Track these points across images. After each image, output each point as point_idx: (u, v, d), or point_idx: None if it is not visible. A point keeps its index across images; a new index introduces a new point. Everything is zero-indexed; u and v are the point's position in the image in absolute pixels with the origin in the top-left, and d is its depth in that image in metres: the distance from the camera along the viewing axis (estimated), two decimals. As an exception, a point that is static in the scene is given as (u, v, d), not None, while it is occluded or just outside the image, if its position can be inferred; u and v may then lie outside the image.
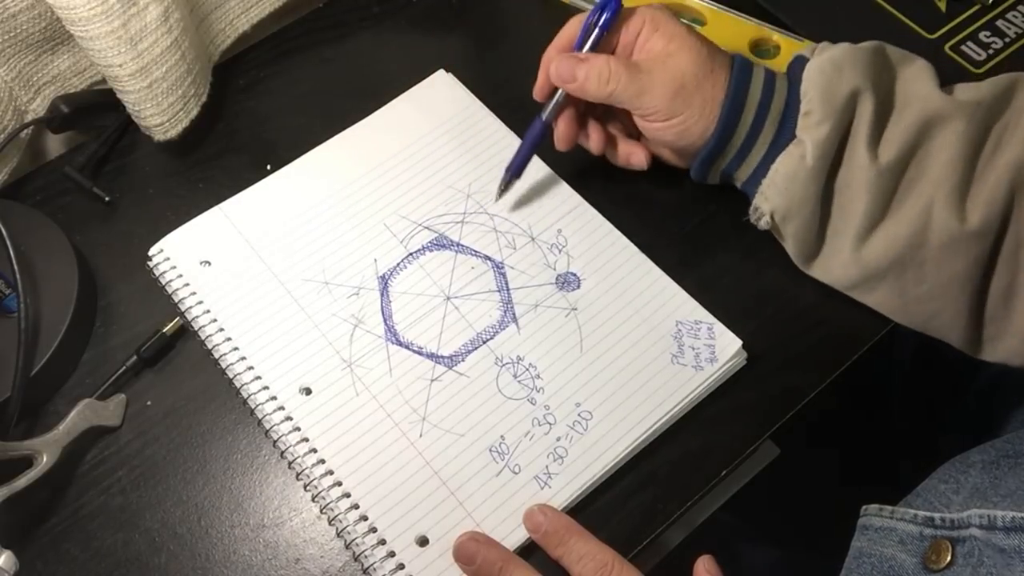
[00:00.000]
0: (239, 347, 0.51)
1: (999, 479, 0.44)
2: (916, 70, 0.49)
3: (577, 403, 0.49)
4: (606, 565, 0.43)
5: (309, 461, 0.48)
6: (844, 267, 0.49)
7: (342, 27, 0.67)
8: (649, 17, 0.51)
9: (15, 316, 0.51)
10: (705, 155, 0.51)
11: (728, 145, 0.50)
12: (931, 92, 0.48)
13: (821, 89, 0.48)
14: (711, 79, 0.49)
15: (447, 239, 0.55)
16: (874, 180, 0.47)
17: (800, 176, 0.48)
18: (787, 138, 0.49)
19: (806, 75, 0.49)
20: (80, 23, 0.51)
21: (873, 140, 0.47)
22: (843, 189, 0.48)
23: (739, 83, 0.49)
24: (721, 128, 0.49)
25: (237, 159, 0.61)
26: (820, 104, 0.48)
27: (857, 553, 0.46)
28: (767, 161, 0.50)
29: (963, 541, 0.42)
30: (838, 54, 0.49)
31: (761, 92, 0.49)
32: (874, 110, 0.47)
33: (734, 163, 0.51)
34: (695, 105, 0.49)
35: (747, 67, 0.50)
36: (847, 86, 0.47)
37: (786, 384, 0.51)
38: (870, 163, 0.47)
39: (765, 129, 0.49)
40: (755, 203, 0.51)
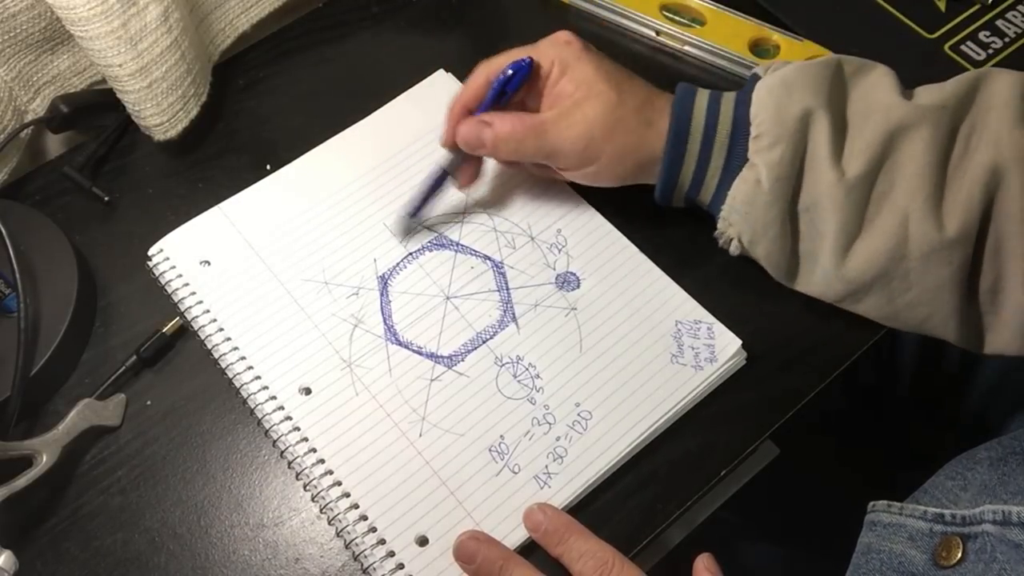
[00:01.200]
0: (239, 347, 0.51)
1: (1008, 476, 0.43)
2: (875, 79, 0.49)
3: (577, 403, 0.49)
4: (606, 563, 0.43)
5: (309, 461, 0.48)
6: (827, 283, 0.49)
7: (342, 27, 0.67)
8: (558, 60, 0.50)
9: (15, 316, 0.51)
10: (662, 183, 0.50)
11: (680, 172, 0.50)
12: (893, 100, 0.47)
13: (771, 111, 0.47)
14: (622, 126, 0.49)
15: (447, 239, 0.55)
16: (845, 196, 0.46)
17: (759, 200, 0.48)
18: (739, 161, 0.48)
19: (755, 96, 0.48)
20: (80, 23, 0.51)
21: (836, 156, 0.47)
22: (811, 208, 0.47)
23: (681, 110, 0.49)
24: (670, 154, 0.49)
25: (237, 159, 0.61)
26: (771, 126, 0.47)
27: (865, 549, 0.46)
28: (724, 185, 0.49)
29: (974, 537, 0.42)
30: (789, 73, 0.48)
31: (706, 116, 0.49)
32: (830, 127, 0.46)
33: (692, 189, 0.51)
34: (606, 154, 0.49)
35: (689, 94, 0.49)
36: (797, 106, 0.47)
37: (786, 384, 0.51)
38: (837, 179, 0.46)
39: (714, 153, 0.49)
40: (719, 229, 0.51)
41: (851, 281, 0.48)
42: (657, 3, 0.64)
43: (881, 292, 0.48)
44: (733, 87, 0.62)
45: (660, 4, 0.64)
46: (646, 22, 0.64)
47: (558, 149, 0.50)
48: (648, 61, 0.64)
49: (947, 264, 0.45)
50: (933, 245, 0.45)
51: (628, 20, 0.65)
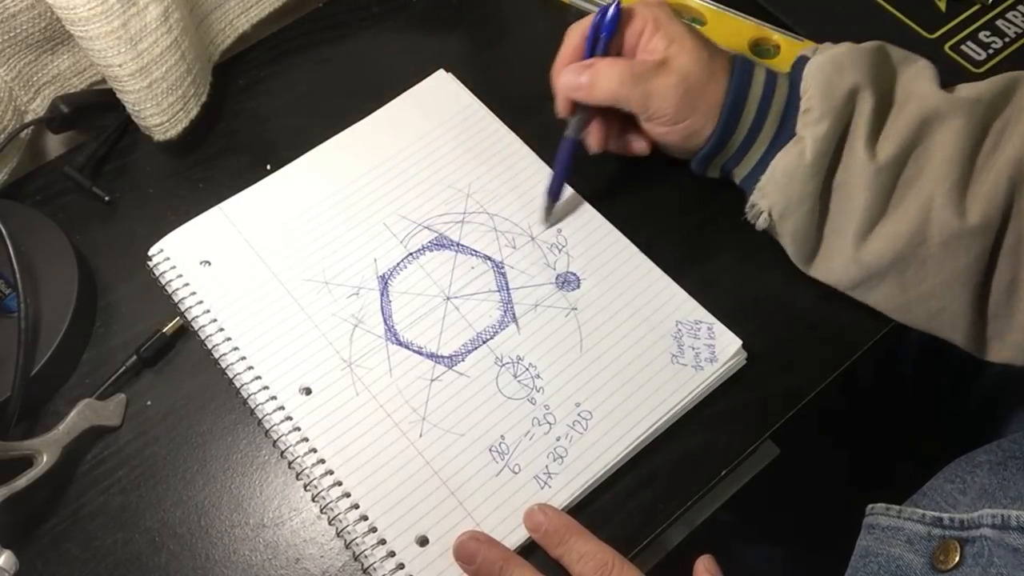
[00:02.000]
0: (239, 347, 0.51)
1: (1007, 480, 0.43)
2: (917, 70, 0.50)
3: (577, 403, 0.49)
4: (606, 564, 0.43)
5: (309, 461, 0.48)
6: (844, 266, 0.49)
7: (342, 27, 0.67)
8: (651, 17, 0.51)
9: (15, 316, 0.51)
10: (707, 152, 0.51)
11: (729, 142, 0.51)
12: (930, 90, 0.48)
13: (821, 86, 0.48)
14: (713, 80, 0.49)
15: (447, 239, 0.55)
16: (873, 177, 0.47)
17: (799, 173, 0.48)
18: (787, 136, 0.49)
19: (806, 73, 0.49)
20: (80, 23, 0.51)
21: (872, 137, 0.47)
22: (841, 186, 0.48)
23: (740, 81, 0.49)
24: (723, 125, 0.50)
25: (237, 159, 0.61)
26: (819, 101, 0.48)
27: (863, 552, 0.46)
28: (766, 158, 0.50)
29: (973, 541, 0.42)
30: (839, 53, 0.49)
31: (762, 90, 0.50)
32: (873, 107, 0.47)
33: (734, 160, 0.51)
34: (700, 109, 0.50)
35: (748, 66, 0.50)
36: (847, 83, 0.48)
37: (786, 384, 0.51)
38: (868, 160, 0.47)
39: (766, 127, 0.50)
40: (752, 199, 0.51)
41: (868, 265, 0.48)
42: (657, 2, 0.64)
43: (896, 280, 0.48)
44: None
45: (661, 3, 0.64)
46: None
47: (655, 92, 0.50)
48: (648, 61, 0.64)
49: (965, 253, 0.46)
50: (953, 232, 0.45)
51: (628, 20, 0.64)
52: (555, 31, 0.54)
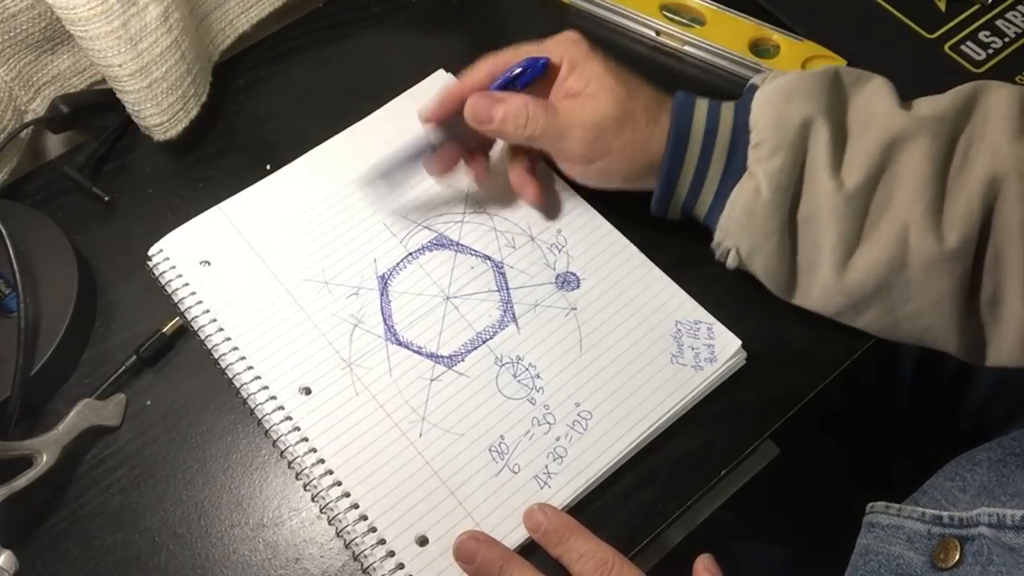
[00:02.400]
0: (239, 347, 0.51)
1: (1007, 477, 0.43)
2: (874, 89, 0.48)
3: (577, 403, 0.49)
4: (606, 563, 0.43)
5: (309, 461, 0.48)
6: (827, 296, 0.49)
7: (342, 27, 0.67)
8: (567, 57, 0.50)
9: (15, 316, 0.51)
10: (659, 191, 0.50)
11: (678, 181, 0.49)
12: (892, 110, 0.47)
13: (771, 118, 0.47)
14: (631, 121, 0.48)
15: (447, 239, 0.55)
16: (843, 206, 0.46)
17: (758, 211, 0.47)
18: (738, 169, 0.48)
19: (755, 104, 0.48)
20: (80, 23, 0.51)
21: (835, 165, 0.46)
22: (810, 219, 0.47)
23: (680, 116, 0.48)
24: (668, 161, 0.48)
25: (237, 159, 0.61)
26: (771, 134, 0.46)
27: (864, 550, 0.46)
28: (721, 196, 0.49)
29: (972, 540, 0.42)
30: (788, 82, 0.48)
31: (705, 123, 0.48)
32: (830, 136, 0.46)
33: (689, 199, 0.50)
34: (615, 150, 0.49)
35: (688, 100, 0.49)
36: (798, 115, 0.46)
37: (786, 384, 0.51)
38: (836, 189, 0.46)
39: (714, 160, 0.48)
40: (716, 239, 0.50)
41: (851, 292, 0.47)
42: (657, 3, 0.64)
43: (881, 304, 0.47)
44: (733, 87, 0.62)
45: (660, 4, 0.64)
46: (646, 22, 0.64)
47: (567, 133, 0.49)
48: (648, 61, 0.64)
49: (948, 275, 0.45)
50: (934, 257, 0.45)
51: (628, 20, 0.65)
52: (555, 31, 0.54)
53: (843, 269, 0.47)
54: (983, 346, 0.48)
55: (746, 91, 0.51)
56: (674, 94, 0.50)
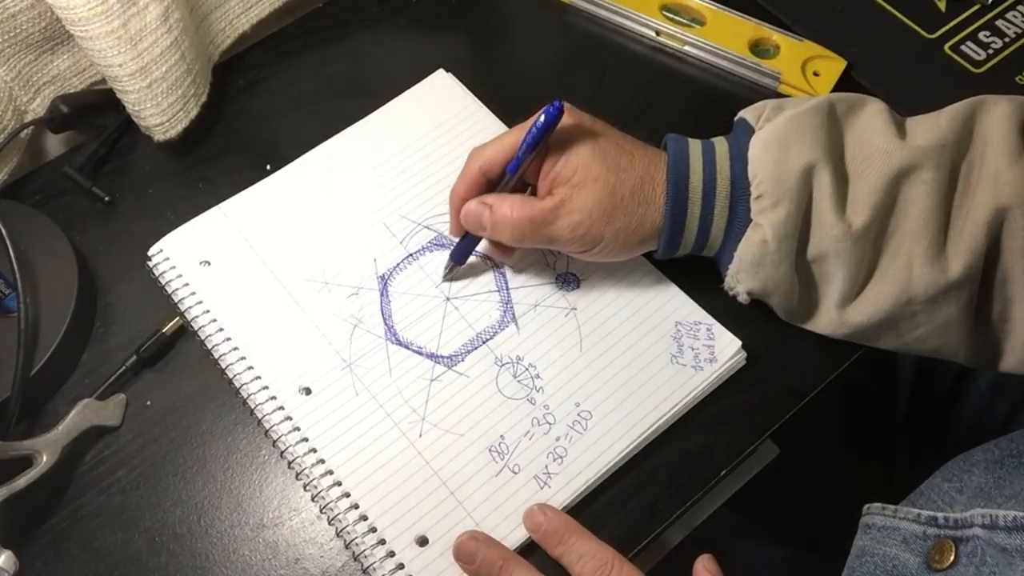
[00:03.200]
0: (239, 347, 0.51)
1: (1003, 479, 0.44)
2: (868, 117, 0.48)
3: (577, 403, 0.49)
4: (606, 564, 0.43)
5: (309, 461, 0.48)
6: (835, 328, 0.49)
7: (342, 27, 0.67)
8: (559, 138, 0.48)
9: (15, 316, 0.51)
10: (663, 249, 0.49)
11: (682, 237, 0.49)
12: (890, 143, 0.46)
13: (770, 169, 0.46)
14: (621, 209, 0.47)
15: (447, 239, 0.55)
16: (852, 246, 0.46)
17: (768, 259, 0.47)
18: (743, 219, 0.47)
19: (752, 155, 0.47)
20: (80, 23, 0.51)
21: (840, 206, 0.46)
22: (820, 259, 0.47)
23: (677, 176, 0.47)
24: (669, 225, 0.48)
25: (237, 159, 0.61)
26: (772, 186, 0.46)
27: (860, 552, 0.46)
28: (729, 243, 0.48)
29: (966, 541, 0.42)
30: (783, 126, 0.47)
31: (703, 178, 0.47)
32: (832, 179, 0.46)
33: (696, 248, 0.50)
34: (607, 237, 0.48)
35: (682, 160, 0.48)
36: (797, 162, 0.46)
37: (786, 384, 0.51)
38: (844, 231, 0.45)
39: (716, 215, 0.48)
40: (728, 284, 0.50)
41: (857, 326, 0.48)
42: (657, 3, 0.64)
43: (889, 332, 0.48)
44: (733, 87, 0.62)
45: (660, 4, 0.64)
46: (646, 22, 0.64)
47: (557, 237, 0.48)
48: (648, 61, 0.64)
49: (953, 303, 0.45)
50: (939, 288, 0.45)
51: (628, 20, 0.65)
52: (555, 31, 0.54)
53: (848, 305, 0.48)
54: (994, 356, 0.48)
55: (736, 126, 0.50)
56: (665, 147, 0.49)
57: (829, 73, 0.61)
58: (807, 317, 0.50)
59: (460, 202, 0.51)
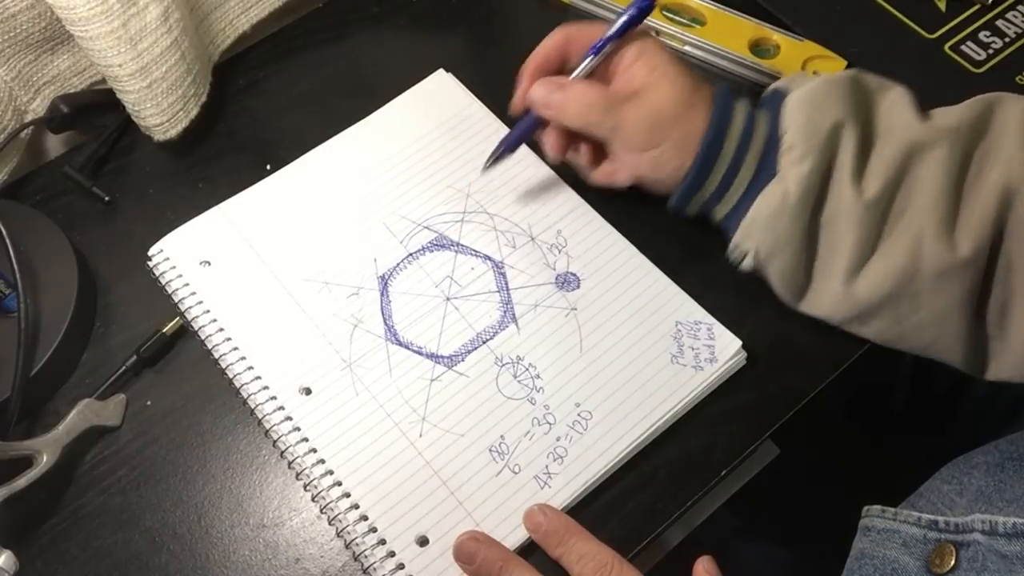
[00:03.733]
0: (239, 347, 0.51)
1: (1004, 483, 0.43)
2: (894, 98, 0.49)
3: (577, 403, 0.49)
4: (606, 565, 0.43)
5: (309, 461, 0.48)
6: (836, 303, 0.49)
7: (342, 27, 0.67)
8: (636, 44, 0.50)
9: (15, 316, 0.51)
10: (686, 187, 0.50)
11: (708, 177, 0.49)
12: (910, 120, 0.47)
13: (802, 123, 0.47)
14: (690, 114, 0.49)
15: (447, 239, 0.55)
16: (862, 214, 0.46)
17: (784, 213, 0.47)
18: (768, 174, 0.48)
19: (786, 109, 0.48)
20: (80, 23, 0.51)
21: (857, 173, 0.46)
22: (830, 223, 0.47)
23: (722, 113, 0.48)
24: (701, 160, 0.48)
25: (237, 159, 0.61)
26: (802, 139, 0.47)
27: (859, 554, 0.46)
28: (748, 198, 0.48)
29: (967, 545, 0.42)
30: (817, 87, 0.48)
31: (743, 124, 0.48)
32: (857, 142, 0.46)
33: (714, 198, 0.50)
34: (671, 139, 0.49)
35: (729, 98, 0.49)
36: (829, 119, 0.47)
37: (786, 384, 0.51)
38: (856, 197, 0.46)
39: (747, 162, 0.48)
40: (736, 240, 0.50)
41: (860, 301, 0.47)
42: (657, 3, 0.64)
43: (889, 313, 0.47)
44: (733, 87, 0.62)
45: (660, 4, 0.64)
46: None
47: (624, 123, 0.49)
48: (648, 61, 0.64)
49: (958, 284, 0.45)
50: (946, 265, 0.45)
51: (628, 20, 0.64)
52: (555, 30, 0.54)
53: (854, 277, 0.47)
54: (986, 360, 0.48)
55: (769, 95, 0.51)
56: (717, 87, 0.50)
57: (829, 73, 0.61)
58: (807, 290, 0.50)
59: (535, 70, 0.52)
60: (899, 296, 0.46)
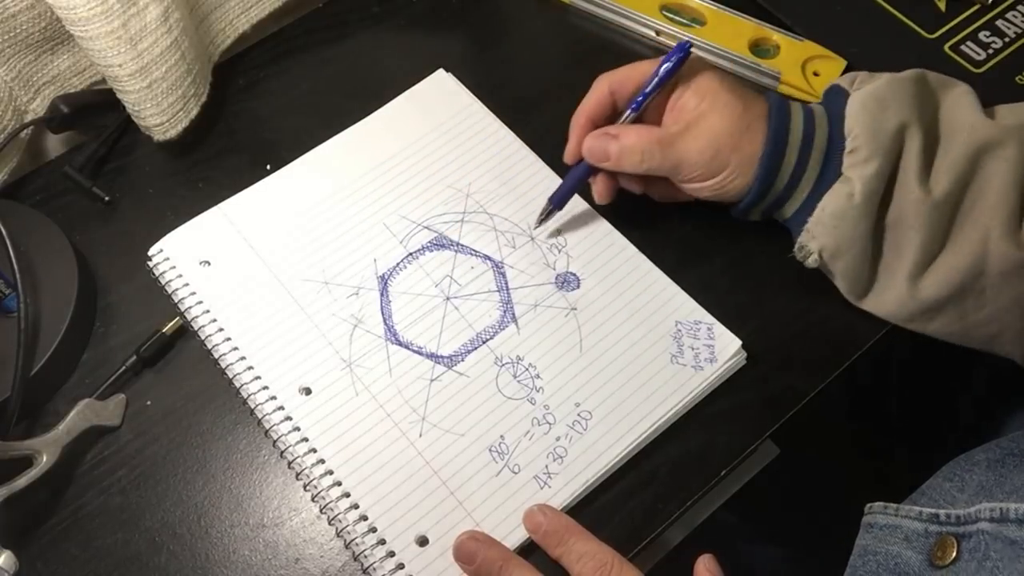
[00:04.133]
0: (239, 347, 0.51)
1: (1004, 476, 0.44)
2: (957, 96, 0.49)
3: (577, 403, 0.49)
4: (606, 564, 0.43)
5: (309, 461, 0.48)
6: (900, 302, 0.49)
7: (342, 27, 0.67)
8: (684, 71, 0.50)
9: (15, 316, 0.51)
10: (747, 202, 0.50)
11: (771, 190, 0.49)
12: (976, 119, 0.47)
13: (867, 125, 0.47)
14: (748, 135, 0.48)
15: (447, 239, 0.55)
16: (930, 213, 0.46)
17: (849, 214, 0.47)
18: (833, 175, 0.48)
19: (849, 111, 0.48)
20: (80, 23, 0.51)
21: (924, 173, 0.47)
22: (896, 224, 0.47)
23: (779, 126, 0.48)
24: (763, 176, 0.49)
25: (237, 159, 0.61)
26: (867, 141, 0.47)
27: (862, 551, 0.46)
28: (812, 199, 0.49)
29: (969, 536, 0.42)
30: (881, 87, 0.48)
31: (802, 131, 0.48)
32: (922, 143, 0.47)
33: (777, 204, 0.50)
34: (732, 163, 0.49)
35: (784, 108, 0.49)
36: (893, 121, 0.47)
37: (786, 384, 0.51)
38: (924, 196, 0.46)
39: (810, 167, 0.49)
40: (801, 241, 0.50)
41: (925, 299, 0.48)
42: (657, 3, 0.64)
43: (954, 311, 0.48)
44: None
45: (660, 4, 0.64)
46: (646, 22, 0.64)
47: (684, 160, 0.49)
48: (648, 61, 0.64)
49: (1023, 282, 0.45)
50: (1012, 263, 0.45)
51: (628, 20, 0.65)
52: (555, 31, 0.54)
53: (920, 275, 0.47)
54: None
55: (830, 93, 0.51)
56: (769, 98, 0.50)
57: (829, 73, 0.61)
58: (871, 290, 0.50)
59: (586, 121, 0.52)
60: (964, 294, 0.47)
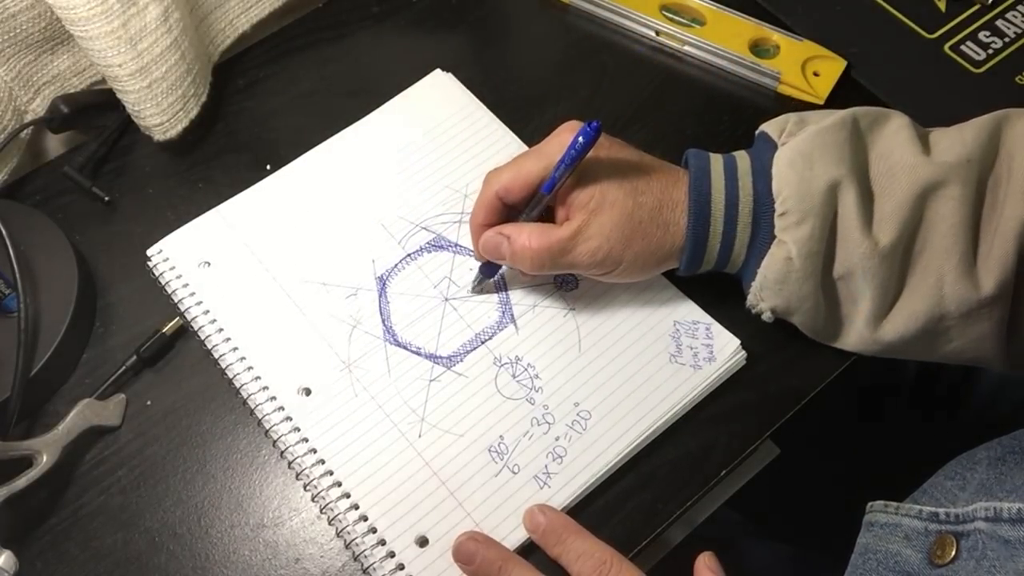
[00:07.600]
0: (238, 347, 0.51)
1: (1005, 475, 0.44)
2: (892, 133, 0.47)
3: (576, 403, 0.49)
4: (605, 563, 0.43)
5: (309, 461, 0.48)
6: (865, 345, 0.48)
7: (342, 27, 0.67)
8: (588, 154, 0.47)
9: (15, 316, 0.51)
10: (684, 267, 0.49)
11: (704, 256, 0.48)
12: (915, 159, 0.46)
13: (795, 187, 0.45)
14: (640, 233, 0.47)
15: (445, 240, 0.55)
16: (880, 263, 0.45)
17: (792, 276, 0.46)
18: (767, 236, 0.47)
19: (776, 170, 0.46)
20: (80, 23, 0.52)
21: (866, 224, 0.45)
22: (847, 276, 0.47)
23: (698, 194, 0.47)
24: (691, 245, 0.47)
25: (237, 159, 0.61)
26: (797, 204, 0.45)
27: (863, 549, 0.46)
28: (752, 261, 0.48)
29: (967, 535, 0.42)
30: (806, 143, 0.46)
31: (724, 195, 0.47)
32: (857, 195, 0.45)
33: (718, 266, 0.49)
34: (626, 259, 0.47)
35: (703, 173, 0.47)
36: (823, 179, 0.45)
37: (786, 384, 0.51)
38: (871, 248, 0.45)
39: (739, 233, 0.47)
40: (750, 302, 0.49)
41: (889, 344, 0.47)
42: (657, 3, 0.64)
43: (923, 348, 0.47)
44: (733, 87, 0.62)
45: (660, 4, 0.64)
46: (646, 22, 0.64)
47: (576, 263, 0.48)
48: (648, 61, 0.64)
49: (987, 319, 0.45)
50: (971, 304, 0.44)
51: (628, 20, 0.65)
52: (555, 31, 0.54)
53: (880, 323, 0.47)
54: None
55: (758, 140, 0.49)
56: (686, 163, 0.48)
57: (829, 73, 0.61)
58: (834, 336, 0.50)
59: (480, 228, 0.50)
60: (929, 335, 0.46)
